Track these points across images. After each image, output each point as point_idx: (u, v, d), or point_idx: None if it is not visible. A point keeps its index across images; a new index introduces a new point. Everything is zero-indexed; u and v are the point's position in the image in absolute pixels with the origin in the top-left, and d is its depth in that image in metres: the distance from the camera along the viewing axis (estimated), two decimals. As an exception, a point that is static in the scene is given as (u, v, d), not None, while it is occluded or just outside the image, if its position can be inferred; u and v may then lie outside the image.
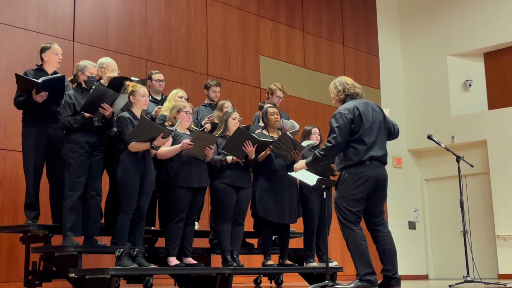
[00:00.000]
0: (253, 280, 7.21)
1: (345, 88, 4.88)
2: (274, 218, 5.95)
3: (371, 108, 4.80)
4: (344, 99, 4.87)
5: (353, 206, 4.66)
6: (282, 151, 5.86)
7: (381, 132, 4.79)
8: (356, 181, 4.64)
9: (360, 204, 4.68)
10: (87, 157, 5.14)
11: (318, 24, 10.70)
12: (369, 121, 4.71)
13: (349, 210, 4.66)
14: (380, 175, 4.71)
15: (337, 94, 4.91)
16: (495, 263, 10.69)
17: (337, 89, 4.92)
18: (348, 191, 4.66)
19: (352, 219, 4.66)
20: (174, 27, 8.49)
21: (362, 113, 4.70)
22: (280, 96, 6.87)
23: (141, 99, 5.16)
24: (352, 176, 4.66)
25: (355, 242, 4.65)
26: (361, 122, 4.68)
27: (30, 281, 5.41)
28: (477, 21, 11.49)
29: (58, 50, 5.59)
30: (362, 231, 4.71)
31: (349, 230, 4.67)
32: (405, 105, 12.10)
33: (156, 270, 5.30)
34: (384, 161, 4.76)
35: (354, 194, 4.65)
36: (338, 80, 4.97)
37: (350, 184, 4.65)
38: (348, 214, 4.66)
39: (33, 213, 5.46)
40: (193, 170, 5.31)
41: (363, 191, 4.65)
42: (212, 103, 6.57)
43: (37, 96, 5.25)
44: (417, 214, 11.88)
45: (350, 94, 4.86)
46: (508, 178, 10.71)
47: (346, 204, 4.66)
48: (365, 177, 4.63)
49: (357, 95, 4.88)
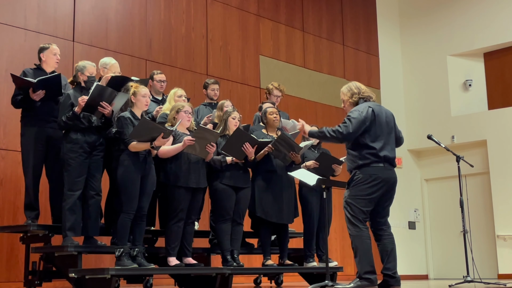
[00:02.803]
0: (253, 280, 7.21)
1: (360, 91, 4.96)
2: (272, 218, 5.95)
3: (384, 111, 4.91)
4: (357, 101, 4.94)
5: (364, 206, 4.73)
6: (280, 152, 5.87)
7: (392, 135, 4.90)
8: (371, 182, 4.71)
9: (371, 205, 4.76)
10: (86, 157, 5.14)
11: (318, 24, 10.70)
12: (382, 123, 4.82)
13: (359, 209, 4.73)
14: (392, 178, 4.82)
15: (351, 97, 4.96)
16: (495, 263, 10.69)
17: (351, 91, 4.97)
18: (362, 190, 4.73)
19: (361, 218, 4.74)
20: (174, 27, 8.49)
21: (376, 114, 4.80)
22: (278, 95, 6.88)
23: (142, 100, 5.16)
24: (366, 176, 4.73)
25: (361, 239, 4.71)
26: (375, 122, 4.78)
27: (30, 281, 5.41)
28: (477, 21, 11.49)
29: (56, 51, 5.61)
30: (368, 230, 4.78)
31: (356, 228, 4.73)
32: (405, 105, 12.10)
33: (156, 270, 5.30)
34: (394, 164, 4.86)
35: (367, 194, 4.72)
36: (353, 84, 5.04)
37: (364, 185, 4.72)
38: (358, 213, 4.73)
39: (33, 213, 5.46)
40: (192, 171, 5.31)
41: (376, 192, 4.73)
42: (212, 102, 6.58)
43: (34, 95, 5.26)
44: (417, 214, 11.88)
45: (364, 97, 4.94)
46: (508, 178, 10.71)
47: (357, 203, 4.73)
48: (379, 179, 4.72)
49: (370, 98, 4.97)
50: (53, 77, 5.36)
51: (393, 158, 4.83)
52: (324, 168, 6.07)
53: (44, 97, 5.31)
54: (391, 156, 4.81)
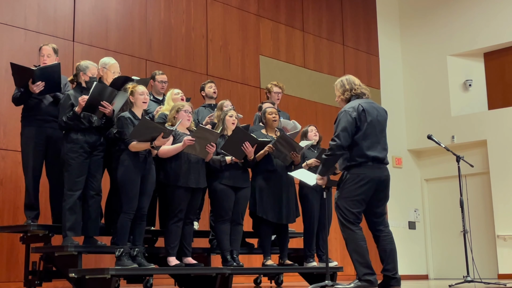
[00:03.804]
0: (253, 280, 7.21)
1: (352, 88, 4.83)
2: (272, 218, 5.95)
3: (375, 109, 4.79)
4: (349, 98, 4.82)
5: (353, 207, 4.64)
6: (281, 152, 5.86)
7: (384, 133, 4.80)
8: (358, 182, 4.62)
9: (361, 205, 4.67)
10: (86, 157, 5.14)
11: (318, 24, 10.70)
12: (372, 121, 4.70)
13: (349, 211, 4.65)
14: (383, 176, 4.71)
15: (343, 93, 4.84)
16: (495, 263, 10.69)
17: (343, 87, 4.85)
18: (349, 192, 4.65)
19: (352, 220, 4.65)
20: (174, 27, 8.49)
21: (366, 112, 4.68)
22: (278, 92, 6.88)
23: (140, 98, 5.14)
24: (354, 177, 4.64)
25: (355, 242, 4.63)
26: (365, 120, 4.67)
27: (30, 281, 5.41)
28: (477, 21, 11.49)
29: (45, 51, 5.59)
30: (362, 231, 4.69)
31: (349, 231, 4.65)
32: (405, 105, 12.10)
33: (156, 270, 5.30)
34: (386, 162, 4.76)
35: (355, 195, 4.64)
36: (346, 79, 4.89)
37: (352, 185, 4.64)
38: (348, 215, 4.65)
39: (33, 213, 5.46)
40: (191, 171, 5.31)
41: (364, 192, 4.64)
42: (211, 103, 6.59)
43: (33, 86, 5.24)
44: (417, 214, 11.87)
45: (356, 94, 4.83)
46: (508, 178, 10.71)
47: (346, 204, 4.65)
48: (366, 178, 4.62)
49: (363, 95, 4.85)
50: (53, 66, 5.34)
51: (383, 157, 4.71)
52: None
53: (44, 89, 5.28)
54: (381, 156, 4.69)
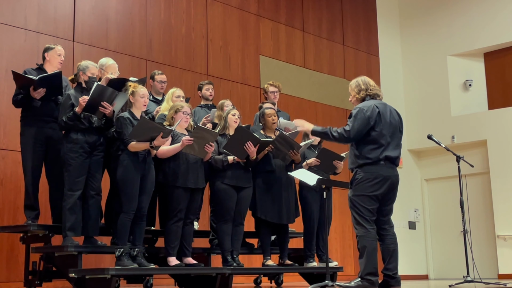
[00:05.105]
0: (253, 280, 7.21)
1: (368, 88, 4.94)
2: (272, 218, 5.95)
3: (389, 110, 4.88)
4: (364, 98, 4.92)
5: (369, 204, 4.72)
6: (280, 151, 5.86)
7: (397, 134, 4.89)
8: (373, 180, 4.71)
9: (375, 203, 4.75)
10: (86, 157, 5.14)
11: (318, 24, 10.70)
12: (386, 122, 4.80)
13: (365, 208, 4.72)
14: (393, 176, 4.81)
15: (358, 93, 4.94)
16: (495, 263, 10.69)
17: (359, 87, 4.95)
18: (365, 189, 4.72)
19: (367, 217, 4.72)
20: (174, 27, 8.49)
21: (381, 113, 4.78)
22: (274, 91, 6.87)
23: (140, 100, 5.15)
24: (368, 175, 4.72)
25: (367, 240, 4.69)
26: (380, 121, 4.76)
27: (30, 281, 5.41)
28: (477, 21, 11.49)
29: (61, 52, 5.62)
30: (375, 231, 4.76)
31: (363, 229, 4.72)
32: (405, 105, 12.10)
33: (156, 270, 5.30)
34: (396, 163, 4.85)
35: (370, 192, 4.72)
36: (361, 79, 5.01)
37: (367, 182, 4.72)
38: (364, 212, 4.72)
39: (33, 213, 5.46)
40: (190, 171, 5.31)
41: (379, 189, 4.73)
42: (208, 104, 6.59)
43: (34, 93, 5.26)
44: (417, 214, 11.87)
45: (371, 95, 4.92)
46: (508, 178, 10.71)
47: (362, 202, 4.73)
48: (380, 176, 4.72)
49: (377, 96, 4.95)
50: (54, 75, 5.36)
51: (395, 157, 4.82)
52: (325, 165, 6.06)
53: (45, 95, 5.30)
54: (393, 156, 4.79)
